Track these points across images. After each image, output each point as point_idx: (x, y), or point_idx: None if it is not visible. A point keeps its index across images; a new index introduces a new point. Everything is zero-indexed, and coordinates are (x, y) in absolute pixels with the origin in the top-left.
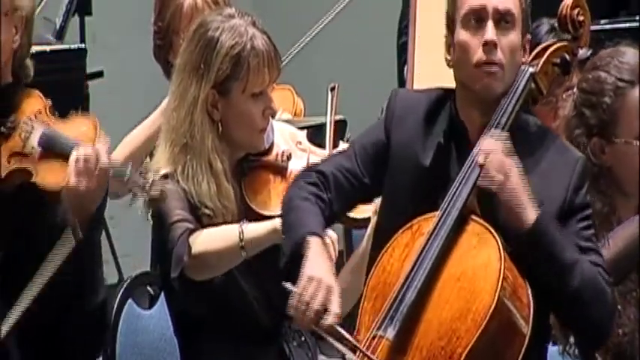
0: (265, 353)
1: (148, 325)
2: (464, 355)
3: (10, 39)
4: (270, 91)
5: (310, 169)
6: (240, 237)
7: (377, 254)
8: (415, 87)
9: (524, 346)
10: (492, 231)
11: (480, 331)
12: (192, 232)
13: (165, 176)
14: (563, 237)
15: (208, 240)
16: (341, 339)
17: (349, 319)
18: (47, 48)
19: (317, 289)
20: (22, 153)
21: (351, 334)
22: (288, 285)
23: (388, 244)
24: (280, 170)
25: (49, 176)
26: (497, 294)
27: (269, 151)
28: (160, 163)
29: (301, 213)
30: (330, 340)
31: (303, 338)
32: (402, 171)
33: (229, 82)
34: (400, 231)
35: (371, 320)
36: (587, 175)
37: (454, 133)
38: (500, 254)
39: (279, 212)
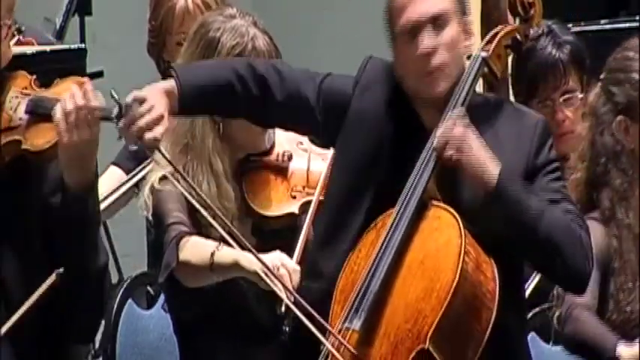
0: (264, 352)
1: (147, 325)
2: (430, 332)
3: (9, 47)
4: None
5: (273, 66)
6: (211, 257)
7: (329, 216)
8: None
9: (492, 321)
10: (452, 212)
11: (444, 307)
12: (183, 236)
13: (165, 177)
14: (528, 189)
15: (191, 251)
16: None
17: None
18: (47, 48)
19: (149, 109)
20: (11, 127)
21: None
22: (113, 92)
23: (355, 247)
24: (281, 170)
25: (37, 138)
26: (459, 269)
27: (270, 151)
28: (161, 163)
29: (203, 67)
30: (155, 158)
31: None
32: (359, 136)
33: None
34: (365, 232)
35: (339, 320)
36: (549, 134)
37: (411, 120)
38: (460, 232)
39: (279, 213)
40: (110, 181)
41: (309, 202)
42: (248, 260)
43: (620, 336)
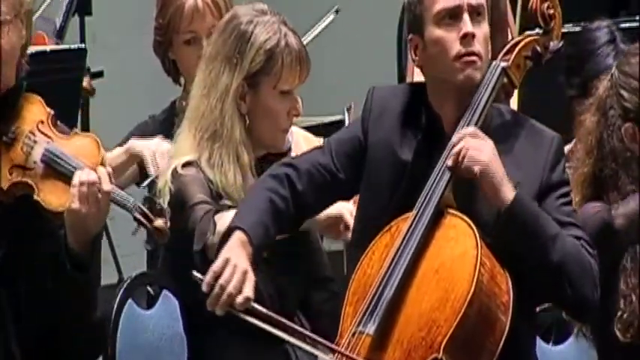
0: (271, 351)
1: (147, 325)
2: (444, 343)
3: (19, 42)
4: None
5: (283, 163)
6: None
7: (358, 252)
8: (415, 78)
9: (505, 333)
10: (469, 222)
11: (459, 318)
12: (217, 212)
13: (189, 163)
14: (542, 212)
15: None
16: (258, 315)
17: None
18: (47, 48)
19: (232, 275)
20: (25, 167)
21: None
22: (195, 274)
23: (368, 249)
24: None
25: (52, 197)
26: (474, 280)
27: (288, 153)
28: (184, 149)
29: (245, 207)
30: (245, 317)
31: (306, 338)
32: (381, 167)
33: (260, 76)
34: (379, 234)
35: (352, 323)
36: (563, 153)
37: (430, 127)
38: (476, 242)
39: None
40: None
41: None
42: (324, 212)
43: (634, 334)
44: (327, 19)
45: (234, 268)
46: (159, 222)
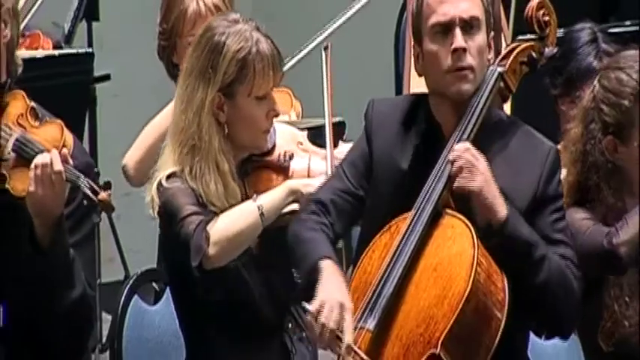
0: (268, 347)
1: (153, 320)
2: (441, 338)
3: (2, 41)
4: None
5: (309, 201)
6: (259, 210)
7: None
8: (412, 81)
9: (501, 330)
10: (467, 222)
11: (456, 314)
12: (207, 222)
13: (173, 174)
14: (532, 233)
15: (227, 223)
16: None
17: None
18: (56, 52)
19: (331, 311)
20: (1, 159)
21: None
22: (307, 305)
23: (368, 248)
24: (282, 170)
25: (18, 183)
26: (471, 278)
27: (271, 151)
28: (168, 163)
29: (309, 243)
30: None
31: (304, 333)
32: (384, 177)
33: (235, 86)
34: (379, 234)
35: (354, 319)
36: (559, 166)
37: (430, 135)
38: (473, 242)
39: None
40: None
41: None
42: (296, 181)
43: (615, 343)
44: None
45: (333, 307)
46: (103, 195)
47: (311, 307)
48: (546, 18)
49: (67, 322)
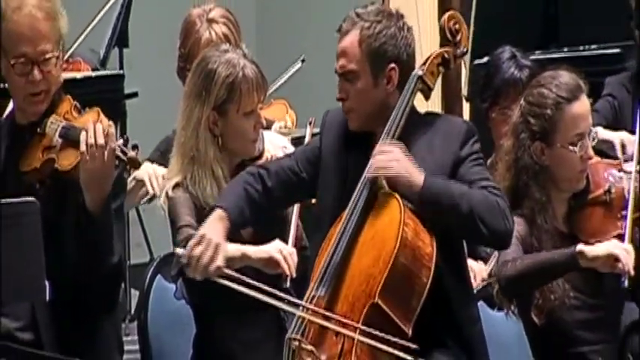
0: (262, 319)
1: (173, 295)
2: (379, 289)
3: (60, 72)
4: (259, 110)
5: (257, 165)
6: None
7: (315, 234)
8: None
9: (431, 277)
10: (396, 195)
11: (388, 268)
12: (190, 238)
13: (178, 185)
14: (449, 182)
15: None
16: (234, 280)
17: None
18: (93, 74)
19: (206, 247)
20: (50, 146)
21: None
22: (178, 250)
23: (327, 236)
24: None
25: (64, 161)
26: (399, 237)
27: (260, 156)
28: (173, 171)
29: (225, 193)
30: (222, 282)
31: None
32: (330, 170)
33: (226, 105)
34: (334, 225)
35: (311, 288)
36: (473, 134)
37: (366, 137)
38: (400, 209)
39: None
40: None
41: None
42: (254, 251)
43: (545, 316)
44: (293, 68)
45: (209, 241)
46: (131, 153)
47: (191, 241)
48: (457, 27)
49: (106, 282)
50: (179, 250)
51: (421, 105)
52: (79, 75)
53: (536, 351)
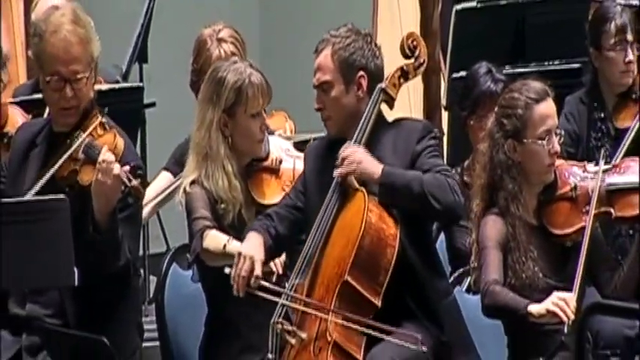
0: (267, 301)
1: (187, 281)
2: (348, 269)
3: (90, 90)
4: (264, 113)
5: (263, 215)
6: (224, 248)
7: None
8: None
9: (395, 255)
10: (361, 188)
11: (355, 249)
12: (205, 229)
13: (194, 181)
14: (404, 171)
15: (210, 241)
16: (269, 291)
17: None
18: (116, 86)
19: (244, 262)
20: (76, 159)
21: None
22: (226, 270)
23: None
24: (275, 171)
25: (85, 175)
26: (363, 221)
27: (266, 158)
28: (190, 169)
29: (248, 229)
30: (260, 294)
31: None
32: (312, 184)
33: (234, 107)
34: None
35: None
36: (428, 132)
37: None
38: (364, 198)
39: (274, 201)
40: (162, 182)
41: None
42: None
43: (518, 294)
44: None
45: (245, 258)
46: (134, 183)
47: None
48: (414, 43)
49: (115, 278)
50: (227, 270)
51: (405, 113)
52: (104, 87)
53: (508, 328)
